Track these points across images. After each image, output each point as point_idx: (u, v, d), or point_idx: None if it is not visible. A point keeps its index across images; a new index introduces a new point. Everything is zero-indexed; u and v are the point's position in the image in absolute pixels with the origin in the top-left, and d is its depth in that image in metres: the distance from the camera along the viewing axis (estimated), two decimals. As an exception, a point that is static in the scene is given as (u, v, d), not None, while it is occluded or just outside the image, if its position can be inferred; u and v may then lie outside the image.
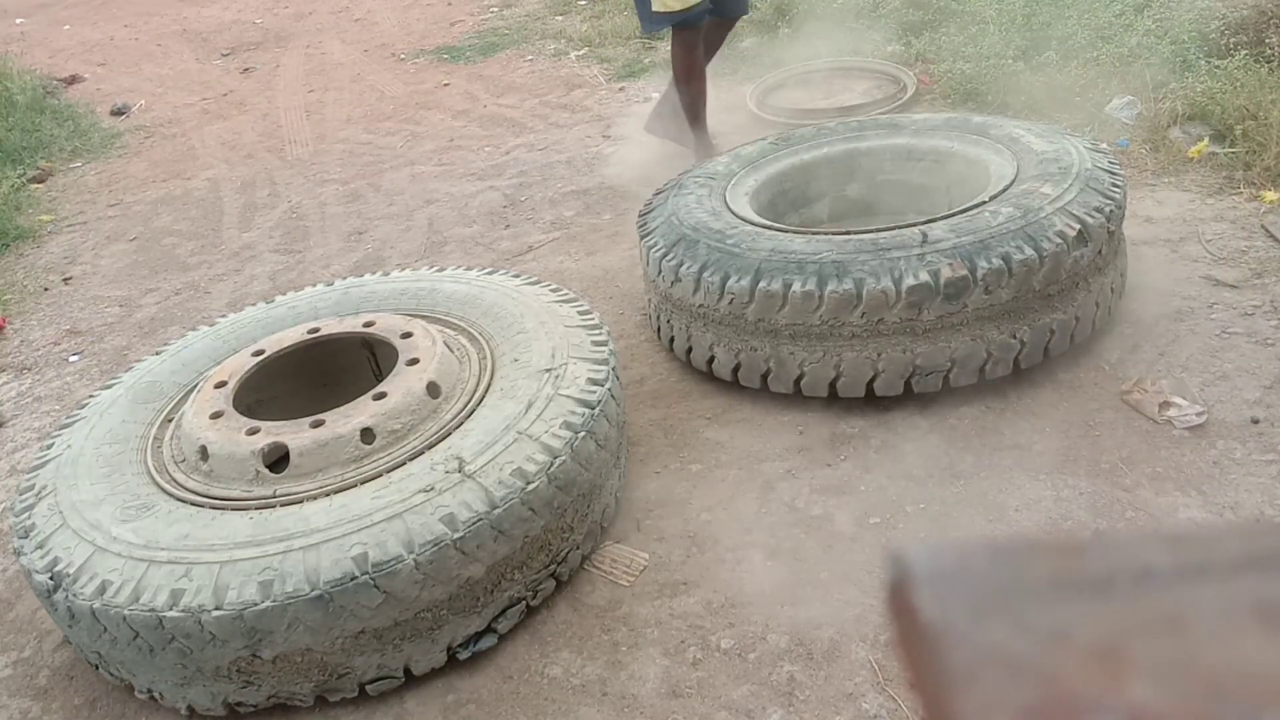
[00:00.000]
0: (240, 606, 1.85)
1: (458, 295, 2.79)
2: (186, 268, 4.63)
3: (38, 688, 2.29)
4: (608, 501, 2.37)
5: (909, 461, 2.49)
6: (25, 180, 6.06)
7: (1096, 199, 2.62)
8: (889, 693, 1.90)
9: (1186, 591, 0.26)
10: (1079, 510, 2.25)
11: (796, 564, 2.24)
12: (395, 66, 7.68)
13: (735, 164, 3.33)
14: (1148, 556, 0.28)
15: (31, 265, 4.95)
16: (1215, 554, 0.27)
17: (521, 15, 8.50)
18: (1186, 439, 2.39)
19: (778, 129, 4.70)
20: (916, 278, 2.45)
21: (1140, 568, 0.27)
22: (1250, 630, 0.25)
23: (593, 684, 2.03)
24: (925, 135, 3.31)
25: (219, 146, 6.41)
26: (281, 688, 2.00)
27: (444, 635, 2.04)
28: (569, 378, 2.31)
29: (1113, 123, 4.15)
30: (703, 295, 2.71)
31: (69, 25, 11.30)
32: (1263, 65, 4.14)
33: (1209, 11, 4.74)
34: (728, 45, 6.29)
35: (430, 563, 1.92)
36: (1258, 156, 3.57)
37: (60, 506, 2.18)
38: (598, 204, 4.48)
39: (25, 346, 4.10)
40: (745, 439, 2.68)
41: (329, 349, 2.69)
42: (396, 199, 5.01)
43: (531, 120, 5.86)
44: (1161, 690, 0.24)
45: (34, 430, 3.44)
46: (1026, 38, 5.05)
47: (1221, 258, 3.13)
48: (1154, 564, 0.27)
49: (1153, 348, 2.75)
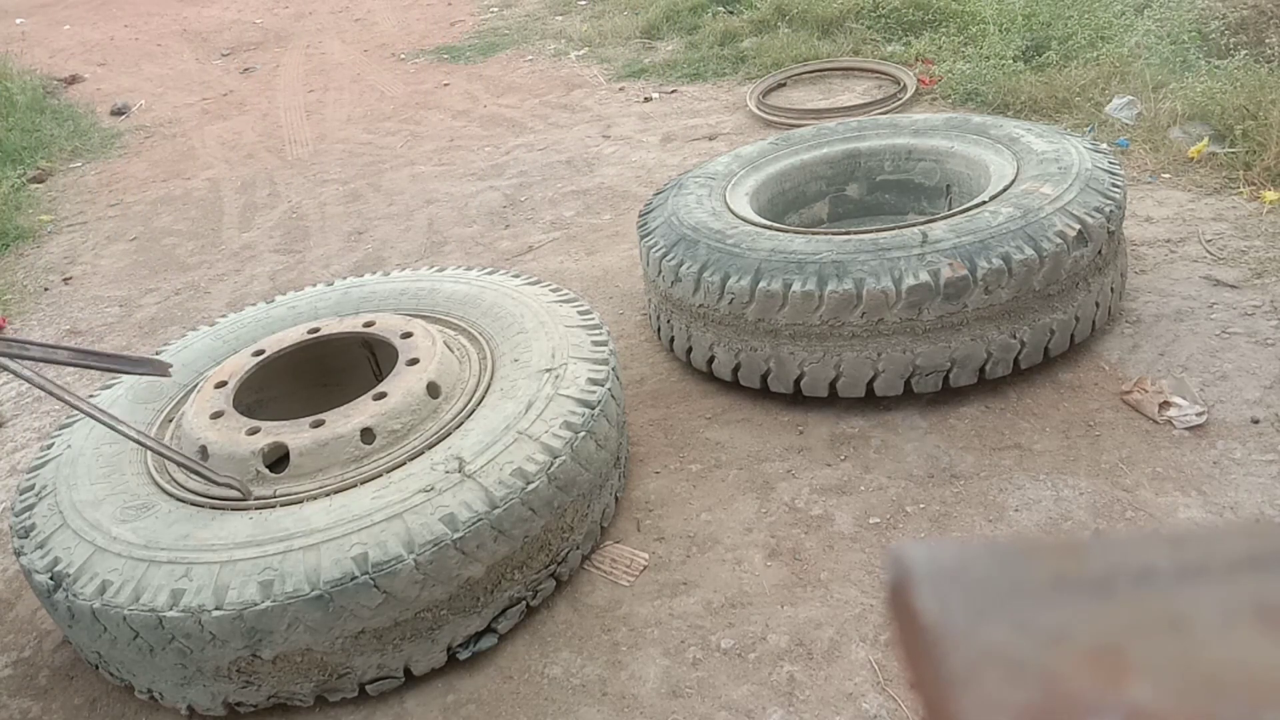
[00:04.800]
0: (240, 606, 1.85)
1: (458, 295, 2.79)
2: (186, 268, 4.63)
3: (38, 688, 2.29)
4: (608, 501, 2.37)
5: (909, 461, 2.49)
6: (25, 180, 6.06)
7: (1096, 199, 2.62)
8: (889, 693, 1.90)
9: (1186, 591, 0.26)
10: (1079, 510, 2.25)
11: (796, 564, 2.24)
12: (395, 66, 7.68)
13: (735, 164, 3.33)
14: (1148, 556, 0.28)
15: (31, 265, 4.95)
16: (1215, 554, 0.27)
17: (521, 15, 8.50)
18: (1186, 439, 2.39)
19: (778, 129, 4.71)
20: (916, 278, 2.45)
21: (1140, 568, 0.27)
22: (1250, 630, 0.25)
23: (593, 684, 2.03)
24: (925, 135, 3.31)
25: (219, 146, 6.41)
26: (281, 688, 2.00)
27: (444, 635, 2.04)
28: (569, 378, 2.31)
29: (1113, 123, 4.15)
30: (703, 295, 2.71)
31: (69, 25, 11.30)
32: (1263, 65, 4.14)
33: (1209, 11, 4.74)
34: (728, 45, 6.31)
35: (430, 563, 1.92)
36: (1258, 156, 3.57)
37: (60, 506, 2.18)
38: (598, 204, 4.48)
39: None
40: (745, 439, 2.68)
41: (329, 349, 2.69)
42: (396, 199, 5.01)
43: (531, 120, 5.86)
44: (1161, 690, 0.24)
45: (34, 430, 3.44)
46: (1026, 38, 5.05)
47: (1221, 258, 3.13)
48: (1154, 564, 0.27)
49: (1153, 348, 2.75)
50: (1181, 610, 0.26)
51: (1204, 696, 0.24)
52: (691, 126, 5.22)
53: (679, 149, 4.93)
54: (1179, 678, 0.24)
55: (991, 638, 0.26)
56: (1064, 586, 0.27)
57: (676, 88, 5.92)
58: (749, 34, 6.43)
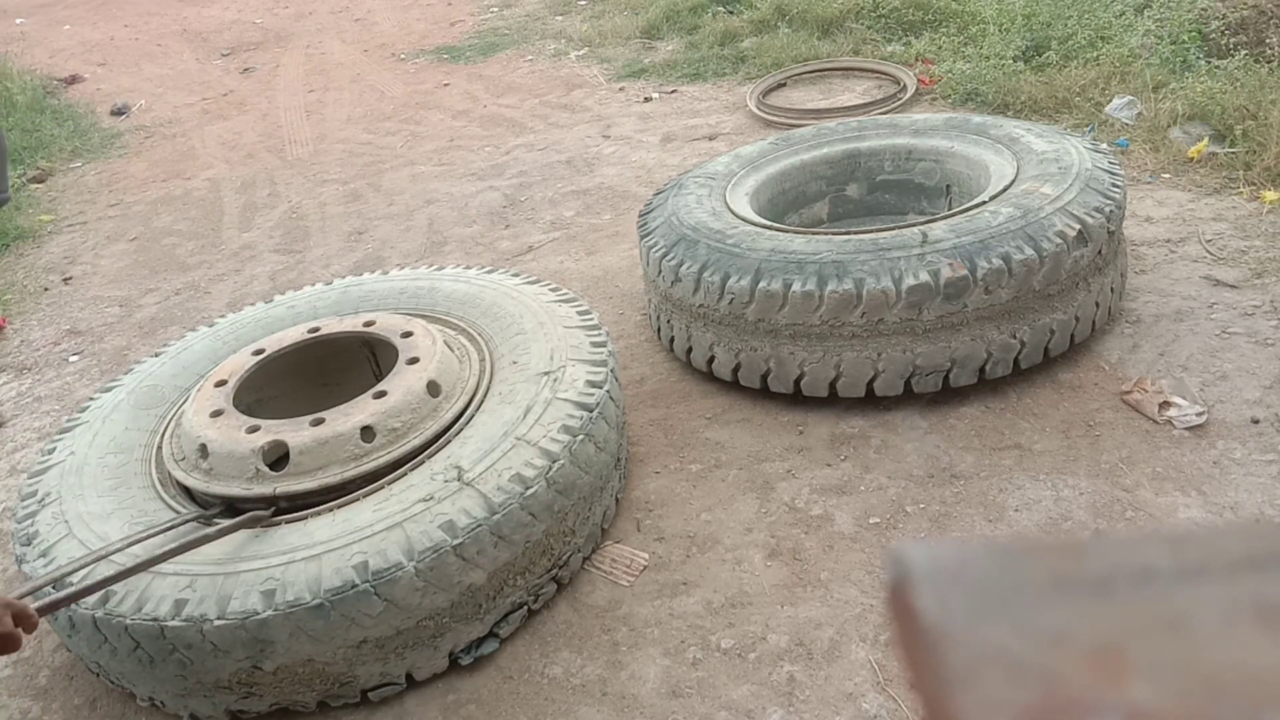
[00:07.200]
0: (242, 616, 1.85)
1: (457, 294, 2.79)
2: (186, 268, 4.63)
3: (38, 688, 2.29)
4: (608, 503, 2.37)
5: (909, 461, 2.49)
6: (25, 180, 6.06)
7: (1096, 199, 2.62)
8: (889, 693, 1.90)
9: (1186, 591, 0.26)
10: (1079, 510, 2.25)
11: (796, 564, 2.24)
12: (395, 66, 7.68)
13: (735, 164, 3.33)
14: (1148, 556, 0.28)
15: (31, 265, 4.95)
16: (1215, 554, 0.27)
17: (521, 15, 8.50)
18: (1186, 439, 2.39)
19: (778, 129, 4.71)
20: (916, 278, 2.45)
21: (1140, 568, 0.27)
22: (1250, 630, 0.25)
23: (593, 684, 2.03)
24: (925, 135, 3.30)
25: (219, 146, 6.41)
26: (284, 697, 1.99)
27: (446, 642, 2.04)
28: (567, 380, 2.30)
29: (1113, 123, 4.15)
30: (703, 295, 2.71)
31: (69, 25, 11.30)
32: (1263, 65, 4.14)
33: (1209, 11, 4.74)
34: (728, 45, 6.31)
35: (431, 570, 1.91)
36: (1258, 156, 3.57)
37: (66, 516, 2.17)
38: (598, 204, 4.48)
39: (25, 346, 4.10)
40: (745, 439, 2.68)
41: (329, 348, 2.68)
42: (396, 199, 5.01)
43: (531, 120, 5.86)
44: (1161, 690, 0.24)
45: (34, 430, 3.44)
46: (1026, 38, 5.05)
47: (1221, 258, 3.13)
48: (1154, 564, 0.27)
49: (1153, 348, 2.75)
50: (1181, 610, 0.26)
51: (1204, 696, 0.24)
52: (691, 126, 5.22)
53: (679, 149, 4.93)
54: (1179, 678, 0.24)
55: (991, 638, 0.26)
56: (1064, 586, 0.27)
57: (676, 88, 5.92)
58: (749, 34, 6.43)
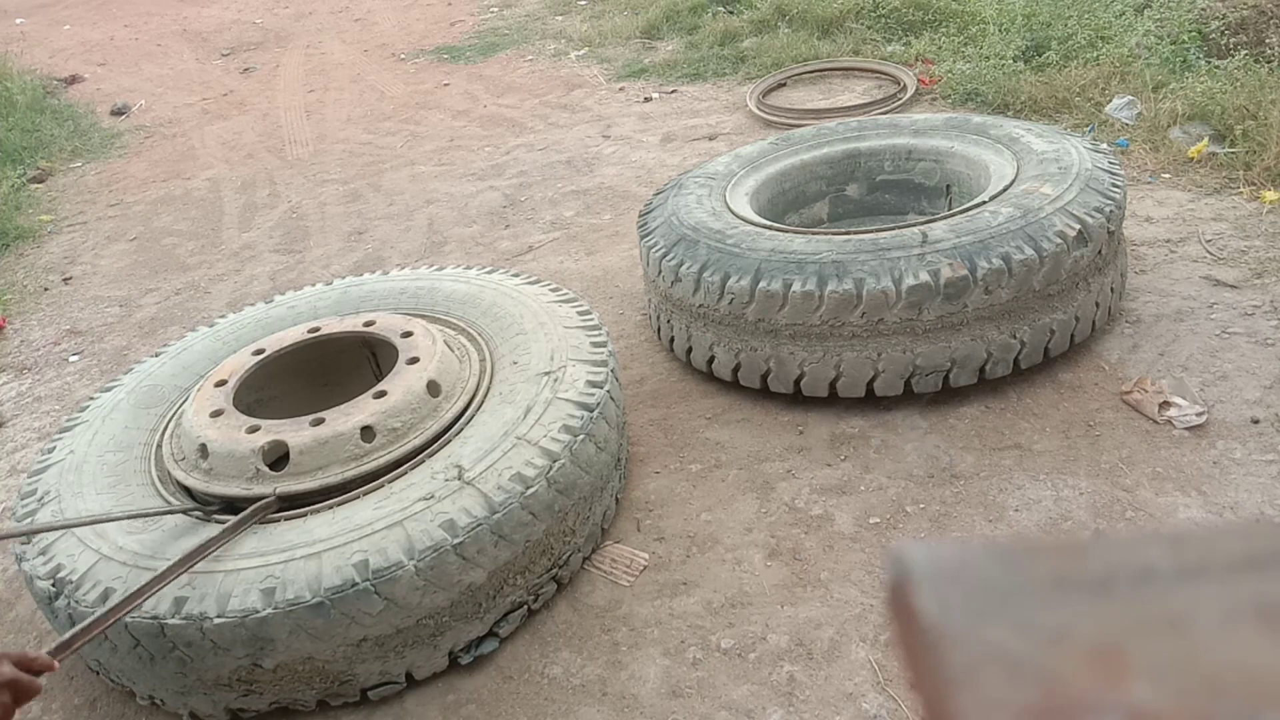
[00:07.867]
0: (242, 613, 1.85)
1: (457, 294, 2.79)
2: (186, 268, 4.63)
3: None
4: (608, 503, 2.37)
5: (909, 461, 2.49)
6: (25, 180, 6.06)
7: (1096, 199, 2.62)
8: (889, 693, 1.90)
9: (1186, 591, 0.26)
10: (1079, 510, 2.25)
11: (796, 564, 2.24)
12: (395, 66, 7.68)
13: (735, 164, 3.33)
14: (1148, 556, 0.28)
15: (31, 265, 4.95)
16: (1215, 554, 0.27)
17: (521, 15, 8.50)
18: (1186, 439, 2.39)
19: (778, 129, 4.71)
20: (916, 278, 2.45)
21: (1140, 568, 0.27)
22: (1250, 630, 0.25)
23: (593, 684, 2.03)
24: (925, 135, 3.30)
25: (219, 146, 6.41)
26: (284, 695, 1.99)
27: (446, 641, 2.04)
28: (568, 380, 2.30)
29: (1113, 123, 4.15)
30: (703, 295, 2.71)
31: (69, 25, 11.30)
32: (1263, 65, 4.14)
33: (1209, 11, 4.74)
34: (728, 45, 6.31)
35: (431, 568, 1.92)
36: (1258, 156, 3.57)
37: (65, 514, 2.17)
38: (598, 204, 4.48)
39: (25, 346, 4.10)
40: (745, 439, 2.68)
41: (329, 348, 2.68)
42: (396, 199, 5.01)
43: (531, 120, 5.86)
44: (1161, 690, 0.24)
45: (34, 430, 3.44)
46: (1026, 38, 5.05)
47: (1221, 258, 3.13)
48: (1154, 564, 0.27)
49: (1153, 348, 2.75)
50: (1181, 610, 0.26)
51: (1204, 696, 0.24)
52: (691, 126, 5.22)
53: (679, 149, 4.93)
54: (1179, 678, 0.24)
55: (991, 638, 0.26)
56: (1064, 586, 0.27)
57: (676, 88, 5.92)
58: (749, 34, 6.43)
